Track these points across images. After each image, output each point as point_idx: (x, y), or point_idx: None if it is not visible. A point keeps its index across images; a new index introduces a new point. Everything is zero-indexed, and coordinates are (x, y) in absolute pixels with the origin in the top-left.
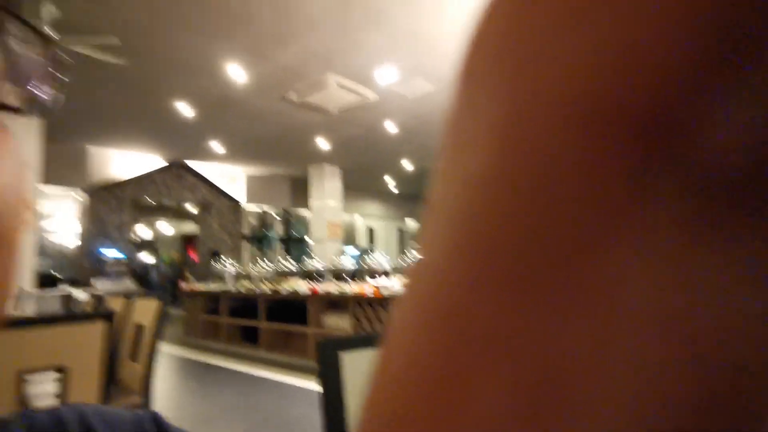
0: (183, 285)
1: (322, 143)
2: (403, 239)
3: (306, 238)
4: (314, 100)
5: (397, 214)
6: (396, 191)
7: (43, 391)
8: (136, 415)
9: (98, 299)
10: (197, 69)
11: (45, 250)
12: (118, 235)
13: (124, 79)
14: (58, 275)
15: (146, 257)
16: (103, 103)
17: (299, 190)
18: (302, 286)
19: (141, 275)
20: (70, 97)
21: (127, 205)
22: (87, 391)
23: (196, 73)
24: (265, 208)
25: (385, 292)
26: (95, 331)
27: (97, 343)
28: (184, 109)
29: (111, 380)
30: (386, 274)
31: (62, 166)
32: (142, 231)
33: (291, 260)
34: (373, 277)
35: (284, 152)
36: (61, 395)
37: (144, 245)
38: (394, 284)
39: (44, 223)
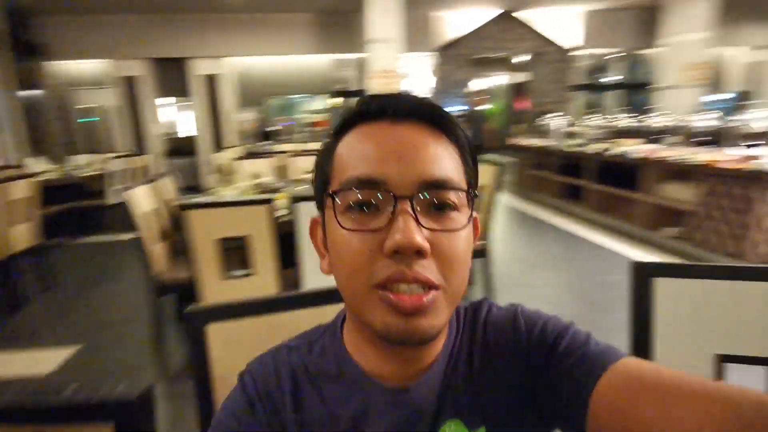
0: (510, 140)
1: None
2: None
3: (653, 85)
4: None
5: None
6: None
7: None
8: (508, 311)
9: None
10: None
11: None
12: (458, 89)
13: None
14: None
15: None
16: None
17: (647, 26)
18: (634, 149)
19: (476, 126)
20: None
21: (464, 61)
22: None
23: None
24: (604, 51)
25: (753, 165)
26: None
27: None
28: None
29: None
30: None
31: (414, 32)
32: (476, 84)
33: (630, 114)
34: (746, 140)
35: None
36: None
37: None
38: None
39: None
